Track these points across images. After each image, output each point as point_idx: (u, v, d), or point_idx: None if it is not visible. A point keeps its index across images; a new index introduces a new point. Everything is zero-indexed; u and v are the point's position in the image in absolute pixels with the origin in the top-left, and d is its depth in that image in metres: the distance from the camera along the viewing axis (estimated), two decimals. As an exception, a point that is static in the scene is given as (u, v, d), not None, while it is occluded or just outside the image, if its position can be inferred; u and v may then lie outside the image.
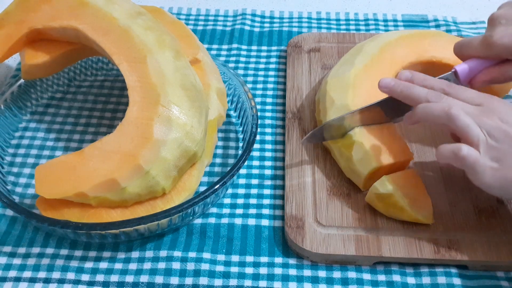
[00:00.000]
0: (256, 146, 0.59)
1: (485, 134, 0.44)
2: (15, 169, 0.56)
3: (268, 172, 0.56)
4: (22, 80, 0.59)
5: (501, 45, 0.50)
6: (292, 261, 0.49)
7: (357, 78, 0.56)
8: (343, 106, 0.53)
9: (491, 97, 0.46)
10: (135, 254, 0.49)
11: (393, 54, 0.59)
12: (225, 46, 0.71)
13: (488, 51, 0.51)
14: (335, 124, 0.52)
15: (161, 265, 0.48)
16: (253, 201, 0.53)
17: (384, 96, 0.52)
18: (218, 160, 0.57)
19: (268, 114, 0.62)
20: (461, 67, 0.52)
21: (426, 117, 0.47)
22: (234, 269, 0.48)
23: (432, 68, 0.60)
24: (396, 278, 0.47)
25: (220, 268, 0.48)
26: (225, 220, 0.52)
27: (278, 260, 0.49)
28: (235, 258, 0.49)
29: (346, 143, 0.51)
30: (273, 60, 0.69)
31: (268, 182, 0.55)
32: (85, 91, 0.65)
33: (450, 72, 0.53)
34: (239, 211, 0.53)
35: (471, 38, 0.53)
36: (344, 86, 0.55)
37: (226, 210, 0.53)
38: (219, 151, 0.58)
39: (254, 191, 0.54)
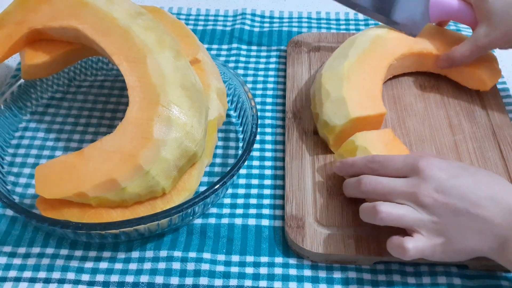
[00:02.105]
0: (256, 146, 0.59)
1: (424, 213, 0.42)
2: (15, 169, 0.56)
3: (268, 172, 0.56)
4: (22, 80, 0.59)
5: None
6: (292, 261, 0.49)
7: (350, 70, 0.57)
8: (339, 98, 0.54)
9: (417, 160, 0.44)
10: (135, 254, 0.49)
11: (385, 47, 0.60)
12: (225, 46, 0.71)
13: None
14: None
15: (161, 265, 0.48)
16: (253, 201, 0.53)
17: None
18: (218, 160, 0.57)
19: (268, 114, 0.62)
20: None
21: (364, 219, 0.46)
22: (234, 269, 0.48)
23: (423, 59, 0.62)
24: (396, 278, 0.47)
25: (220, 268, 0.48)
26: (225, 220, 0.52)
27: (278, 260, 0.49)
28: (235, 258, 0.49)
29: (349, 149, 0.51)
30: (273, 60, 0.69)
31: (268, 182, 0.55)
32: (85, 91, 0.65)
33: None
34: (239, 211, 0.53)
35: None
36: (338, 78, 0.56)
37: (226, 210, 0.53)
38: (219, 151, 0.58)
39: (254, 191, 0.54)
